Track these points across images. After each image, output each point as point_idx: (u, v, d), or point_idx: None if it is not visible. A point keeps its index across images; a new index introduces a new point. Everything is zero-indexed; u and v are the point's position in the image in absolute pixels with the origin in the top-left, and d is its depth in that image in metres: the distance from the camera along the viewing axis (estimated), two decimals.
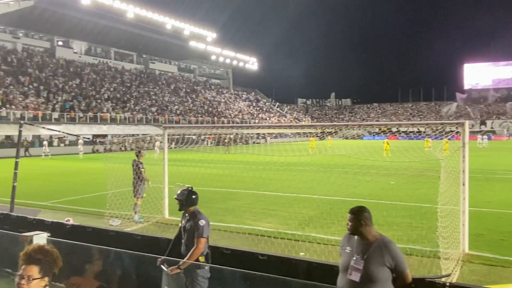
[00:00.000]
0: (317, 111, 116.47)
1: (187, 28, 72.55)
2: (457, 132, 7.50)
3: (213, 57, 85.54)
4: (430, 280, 3.81)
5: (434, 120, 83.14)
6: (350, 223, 3.37)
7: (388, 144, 31.91)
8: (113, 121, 49.59)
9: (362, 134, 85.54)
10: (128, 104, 55.87)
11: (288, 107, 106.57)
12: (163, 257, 4.31)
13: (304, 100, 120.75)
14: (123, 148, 43.91)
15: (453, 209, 7.01)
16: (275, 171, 19.09)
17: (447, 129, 8.43)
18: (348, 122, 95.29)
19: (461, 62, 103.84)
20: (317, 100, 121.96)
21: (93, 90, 54.65)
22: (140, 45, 70.46)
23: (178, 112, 62.32)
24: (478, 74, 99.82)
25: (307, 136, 63.84)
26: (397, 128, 60.89)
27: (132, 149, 39.34)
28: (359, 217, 3.33)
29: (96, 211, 10.98)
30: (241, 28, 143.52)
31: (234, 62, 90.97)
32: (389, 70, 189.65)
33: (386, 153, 29.48)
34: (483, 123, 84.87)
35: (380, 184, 16.09)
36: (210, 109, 71.58)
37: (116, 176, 10.05)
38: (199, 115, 65.16)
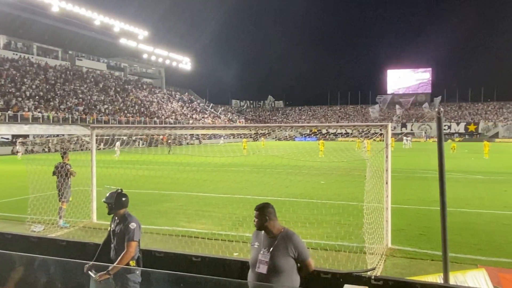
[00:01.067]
0: (251, 113, 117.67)
1: (117, 24, 69.97)
2: (381, 134, 7.95)
3: (145, 56, 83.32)
4: (357, 274, 4.00)
5: (361, 122, 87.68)
6: (256, 220, 3.56)
7: (323, 144, 33.28)
8: (35, 120, 46.42)
9: (294, 136, 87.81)
10: (52, 103, 52.61)
11: (223, 108, 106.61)
12: (90, 263, 4.11)
13: (239, 101, 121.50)
14: (46, 149, 41.34)
15: (377, 206, 7.42)
16: (209, 172, 19.01)
17: (372, 131, 8.90)
18: (281, 123, 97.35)
19: (385, 68, 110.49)
20: (251, 101, 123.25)
21: (13, 87, 50.80)
22: (66, 40, 66.76)
23: (107, 112, 59.81)
24: (400, 80, 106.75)
25: (241, 137, 64.29)
26: (326, 130, 63.49)
27: (56, 150, 37.17)
28: (264, 213, 3.54)
29: (16, 217, 10.24)
30: (175, 27, 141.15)
31: (167, 62, 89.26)
32: (319, 75, 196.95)
33: (321, 154, 30.71)
34: (404, 125, 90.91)
35: (311, 183, 16.61)
36: (142, 109, 69.54)
37: (39, 179, 9.44)
38: (130, 115, 63.05)
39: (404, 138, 58.44)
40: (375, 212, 7.18)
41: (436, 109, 4.21)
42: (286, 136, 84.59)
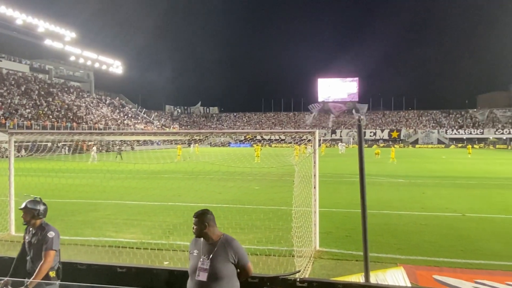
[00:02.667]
0: (185, 119, 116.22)
1: (41, 24, 66.07)
2: (309, 140, 8.21)
3: (73, 58, 79.37)
4: (283, 277, 4.09)
5: (293, 129, 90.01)
6: (195, 227, 3.53)
7: (259, 150, 33.66)
8: None
9: (229, 142, 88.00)
10: None
11: (156, 113, 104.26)
12: (6, 279, 3.82)
13: (173, 107, 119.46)
14: None
15: (306, 210, 7.64)
16: (140, 179, 18.47)
17: (303, 137, 9.17)
18: (215, 129, 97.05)
19: (316, 77, 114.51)
20: (186, 107, 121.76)
21: None
22: None
23: (29, 116, 55.99)
24: (329, 88, 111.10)
25: (175, 143, 63.20)
26: (261, 136, 64.31)
27: None
28: (203, 219, 3.51)
29: None
30: (105, 29, 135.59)
31: (97, 65, 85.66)
32: (254, 82, 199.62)
33: (257, 159, 31.08)
34: (333, 132, 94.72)
35: (244, 189, 16.71)
36: (69, 113, 65.96)
37: None
38: (55, 120, 59.55)
39: (340, 144, 61.16)
40: (303, 216, 7.39)
41: (357, 117, 4.42)
42: (221, 142, 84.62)
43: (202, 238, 3.56)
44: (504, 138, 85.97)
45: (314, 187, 7.88)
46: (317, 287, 4.03)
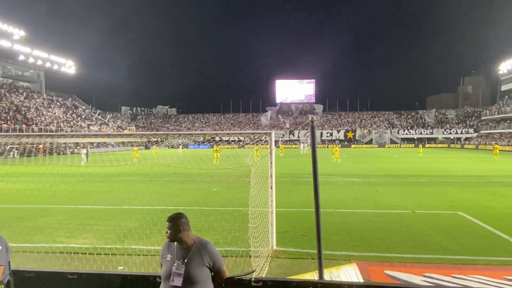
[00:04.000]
0: (142, 120, 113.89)
1: None
2: (266, 141, 8.28)
3: (22, 57, 75.77)
4: (238, 278, 4.10)
5: (252, 130, 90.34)
6: (169, 231, 3.45)
7: (218, 151, 33.61)
8: None
9: (187, 143, 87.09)
10: None
11: (111, 115, 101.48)
12: None
13: (129, 108, 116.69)
14: None
15: (263, 210, 7.70)
16: (93, 183, 17.88)
17: (260, 138, 9.24)
18: (173, 131, 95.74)
19: (274, 79, 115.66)
20: (143, 108, 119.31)
21: None
22: None
23: None
24: (287, 90, 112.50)
25: (132, 145, 61.82)
26: (220, 137, 64.00)
27: None
28: (177, 223, 3.44)
29: None
30: (57, 28, 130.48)
31: (48, 64, 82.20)
32: (212, 83, 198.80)
33: (216, 160, 31.06)
34: (291, 132, 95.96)
35: (203, 191, 16.62)
36: (18, 115, 62.88)
37: None
38: (3, 122, 56.59)
39: (302, 144, 62.19)
40: (260, 216, 7.44)
41: (310, 118, 4.51)
42: (180, 144, 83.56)
43: (175, 242, 3.49)
44: (452, 138, 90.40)
45: (271, 188, 7.96)
46: (271, 286, 4.08)
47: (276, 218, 8.12)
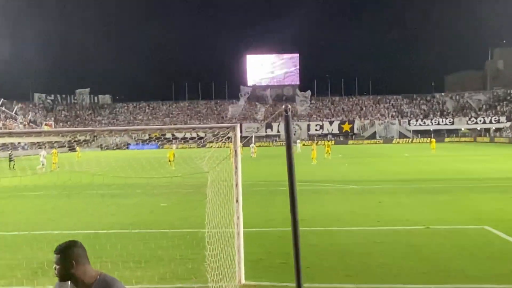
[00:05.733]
0: (64, 111, 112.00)
1: None
2: (228, 138, 8.23)
3: None
4: None
5: (215, 123, 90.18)
6: (57, 267, 3.30)
7: (173, 154, 33.48)
8: None
9: (127, 143, 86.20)
10: None
11: (20, 105, 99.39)
12: None
13: (45, 95, 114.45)
14: None
15: (226, 232, 7.65)
16: None
17: (222, 133, 9.18)
18: (108, 126, 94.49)
19: (244, 54, 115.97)
20: (64, 96, 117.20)
21: None
22: None
23: None
24: (262, 68, 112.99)
25: (51, 147, 60.61)
26: (172, 134, 63.48)
27: None
28: (68, 256, 3.30)
29: None
30: None
31: None
32: (161, 62, 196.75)
33: (172, 164, 31.52)
34: (269, 126, 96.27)
35: (146, 207, 16.44)
36: None
37: None
38: None
39: (297, 140, 63.20)
40: (222, 240, 7.40)
41: (283, 107, 4.49)
42: (116, 144, 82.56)
43: (69, 282, 3.39)
44: (478, 129, 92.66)
45: (237, 201, 7.91)
46: None
47: (246, 241, 8.08)
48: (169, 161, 32.90)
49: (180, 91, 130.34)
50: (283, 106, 4.56)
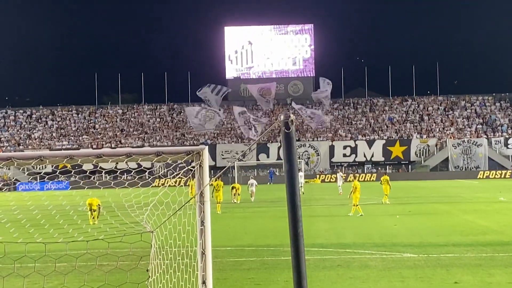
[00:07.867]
0: None
1: None
2: (190, 169, 8.16)
3: None
4: None
5: (168, 142, 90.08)
6: None
7: (96, 201, 33.42)
8: None
9: (15, 179, 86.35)
10: None
11: None
12: None
13: None
14: None
15: None
16: None
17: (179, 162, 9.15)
18: None
19: (222, 26, 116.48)
20: None
21: None
22: None
23: None
24: (253, 49, 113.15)
25: None
26: (97, 163, 63.11)
27: None
28: None
29: None
30: None
31: None
32: (78, 46, 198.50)
33: (92, 220, 32.12)
34: (263, 149, 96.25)
35: None
36: None
37: None
38: None
39: (338, 174, 63.29)
40: None
41: (283, 115, 4.44)
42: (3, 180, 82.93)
43: None
44: None
45: (203, 283, 7.78)
46: None
47: None
48: (90, 209, 32.80)
49: (108, 90, 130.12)
50: (281, 116, 4.51)
